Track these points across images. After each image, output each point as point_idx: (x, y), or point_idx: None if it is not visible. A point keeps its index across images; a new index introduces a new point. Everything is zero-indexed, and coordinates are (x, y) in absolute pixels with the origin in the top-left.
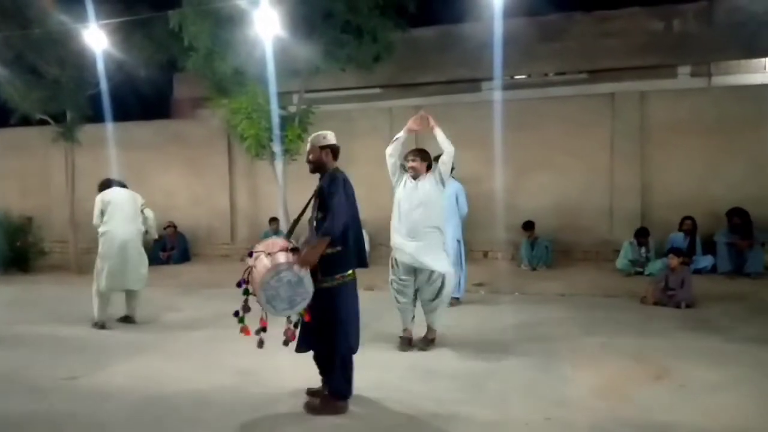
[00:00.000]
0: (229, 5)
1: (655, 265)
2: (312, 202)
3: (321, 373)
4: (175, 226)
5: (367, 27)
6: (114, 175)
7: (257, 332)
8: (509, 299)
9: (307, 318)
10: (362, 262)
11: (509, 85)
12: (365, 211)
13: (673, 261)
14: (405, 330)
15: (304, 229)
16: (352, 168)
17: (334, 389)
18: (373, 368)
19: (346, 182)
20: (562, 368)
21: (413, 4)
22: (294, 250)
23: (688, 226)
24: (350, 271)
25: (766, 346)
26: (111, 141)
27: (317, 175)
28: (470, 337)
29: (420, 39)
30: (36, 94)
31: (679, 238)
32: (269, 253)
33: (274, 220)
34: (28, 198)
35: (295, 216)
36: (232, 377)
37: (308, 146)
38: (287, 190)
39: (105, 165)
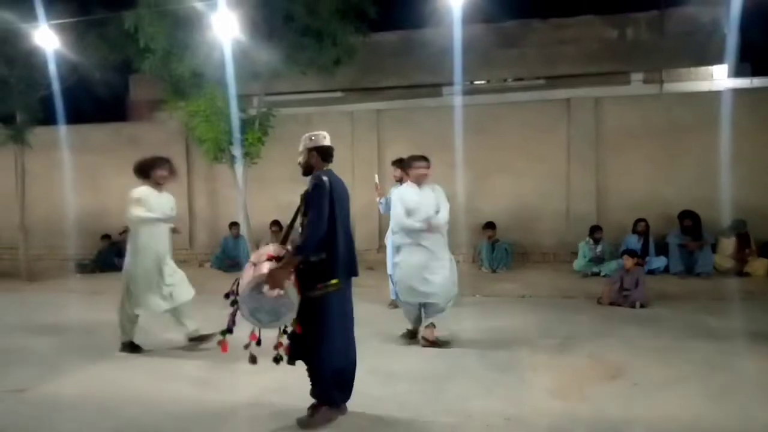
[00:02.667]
0: (187, 7)
1: (611, 266)
2: (300, 206)
3: (311, 383)
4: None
5: (328, 31)
6: (67, 178)
7: (246, 347)
8: (470, 301)
9: (298, 329)
10: (352, 271)
11: (469, 90)
12: None
13: (628, 262)
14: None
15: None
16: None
17: (320, 396)
18: None
19: (332, 185)
20: (521, 369)
21: (374, 9)
22: (281, 259)
23: (642, 228)
24: (333, 281)
25: (714, 343)
26: (64, 144)
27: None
28: None
29: (381, 43)
30: None
31: (633, 240)
32: (255, 264)
33: (234, 225)
34: None
35: (253, 219)
36: (190, 387)
37: (300, 148)
38: (248, 194)
39: (58, 168)
